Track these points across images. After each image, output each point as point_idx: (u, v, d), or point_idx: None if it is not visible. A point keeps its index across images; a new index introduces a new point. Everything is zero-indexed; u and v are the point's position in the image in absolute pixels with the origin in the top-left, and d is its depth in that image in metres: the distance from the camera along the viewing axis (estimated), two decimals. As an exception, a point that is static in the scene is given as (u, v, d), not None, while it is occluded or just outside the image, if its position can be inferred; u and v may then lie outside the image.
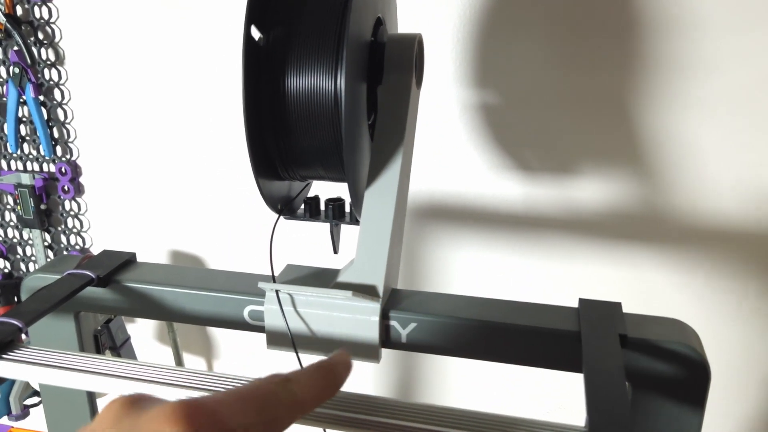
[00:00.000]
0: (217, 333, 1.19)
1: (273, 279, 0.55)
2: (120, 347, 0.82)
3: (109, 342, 0.79)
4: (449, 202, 0.97)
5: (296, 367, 0.37)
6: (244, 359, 1.19)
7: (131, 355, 0.98)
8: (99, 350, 0.64)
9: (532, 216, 0.94)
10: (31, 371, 0.46)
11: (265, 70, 0.51)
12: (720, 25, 0.79)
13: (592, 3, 0.82)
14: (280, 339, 0.55)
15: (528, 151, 0.91)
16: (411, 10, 0.87)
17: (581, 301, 0.53)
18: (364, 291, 0.52)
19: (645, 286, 0.92)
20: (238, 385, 0.34)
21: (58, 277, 0.57)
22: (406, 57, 0.57)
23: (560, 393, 1.03)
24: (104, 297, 0.58)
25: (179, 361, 1.15)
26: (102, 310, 0.58)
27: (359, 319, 0.52)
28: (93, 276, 0.57)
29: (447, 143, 0.93)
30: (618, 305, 0.53)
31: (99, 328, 0.63)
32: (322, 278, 0.56)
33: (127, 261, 0.61)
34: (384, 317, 0.53)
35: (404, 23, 0.80)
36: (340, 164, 0.55)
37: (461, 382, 1.08)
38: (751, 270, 0.88)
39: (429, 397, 1.10)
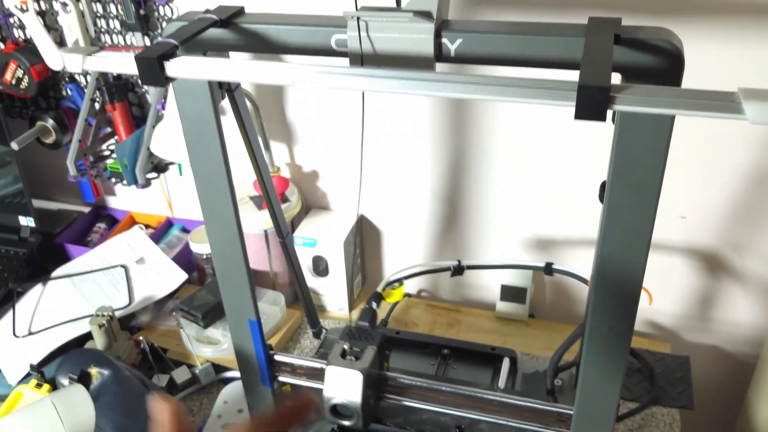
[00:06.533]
0: (296, 122, 1.39)
1: (355, 6, 0.72)
2: (234, 90, 0.97)
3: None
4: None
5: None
6: (317, 146, 1.40)
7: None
8: (221, 87, 0.84)
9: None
10: (200, 68, 0.64)
11: None
12: None
13: None
14: (359, 58, 0.73)
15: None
16: None
17: (590, 19, 0.69)
18: (422, 15, 0.69)
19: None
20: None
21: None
22: None
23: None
24: (224, 36, 0.76)
25: (266, 144, 1.37)
26: (223, 47, 0.77)
27: (417, 38, 0.69)
28: (217, 18, 0.75)
29: None
30: (618, 19, 0.68)
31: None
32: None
33: (239, 11, 0.78)
34: (437, 36, 0.69)
35: None
36: None
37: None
38: None
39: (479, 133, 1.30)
